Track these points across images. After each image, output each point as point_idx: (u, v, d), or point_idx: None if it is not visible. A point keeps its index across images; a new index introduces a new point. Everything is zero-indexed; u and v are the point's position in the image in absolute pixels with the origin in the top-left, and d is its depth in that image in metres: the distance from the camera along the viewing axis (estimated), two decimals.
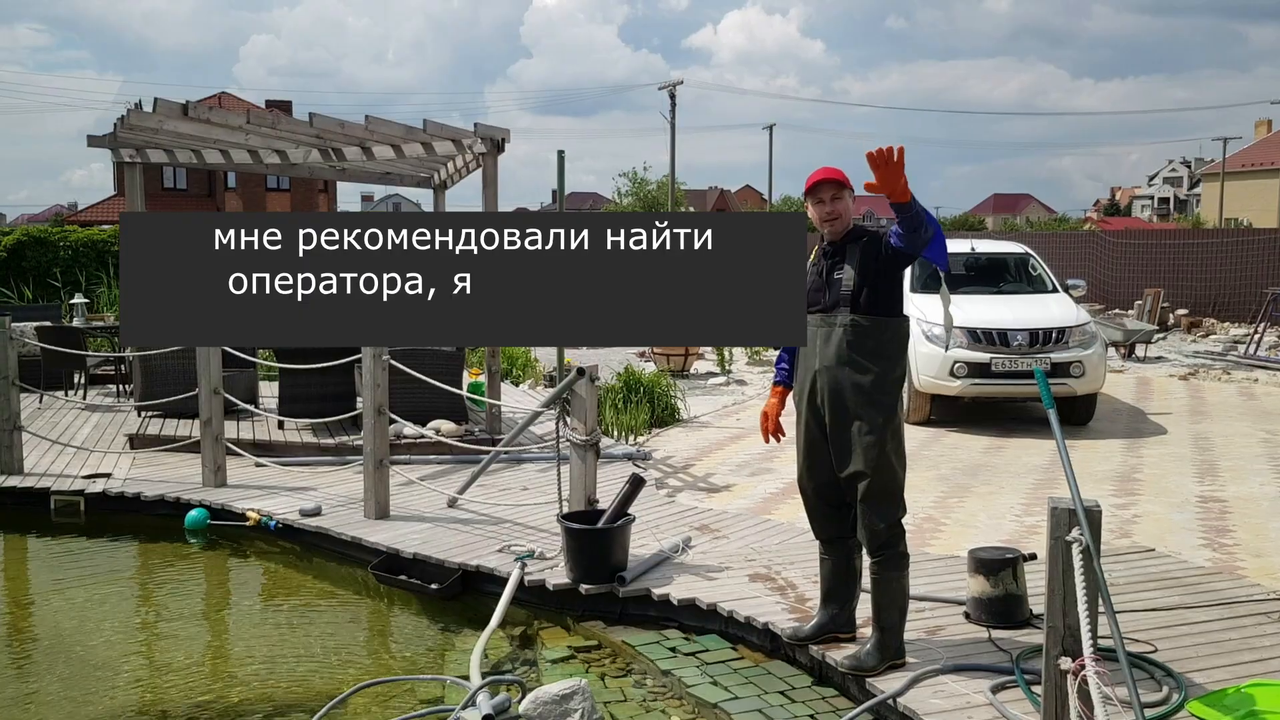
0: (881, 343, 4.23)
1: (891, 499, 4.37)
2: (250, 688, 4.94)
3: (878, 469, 4.29)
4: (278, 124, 10.18)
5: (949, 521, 6.97)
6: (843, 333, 4.23)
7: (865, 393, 4.25)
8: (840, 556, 4.64)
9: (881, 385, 4.26)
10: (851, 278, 4.22)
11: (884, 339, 4.24)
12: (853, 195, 4.37)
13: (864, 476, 4.30)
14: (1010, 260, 12.25)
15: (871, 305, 4.21)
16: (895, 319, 4.27)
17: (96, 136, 10.90)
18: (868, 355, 4.23)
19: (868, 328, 4.21)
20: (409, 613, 5.88)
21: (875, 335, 4.22)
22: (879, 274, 4.22)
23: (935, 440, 9.80)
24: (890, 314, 4.25)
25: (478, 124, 8.87)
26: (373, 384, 6.91)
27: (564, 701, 4.16)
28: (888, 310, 4.24)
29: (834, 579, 4.69)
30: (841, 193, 4.30)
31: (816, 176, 4.29)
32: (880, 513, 4.34)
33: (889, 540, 4.39)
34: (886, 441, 4.31)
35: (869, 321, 4.21)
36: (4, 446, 8.19)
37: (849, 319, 4.22)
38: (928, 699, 4.15)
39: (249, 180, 47.45)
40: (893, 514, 4.38)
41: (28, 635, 5.80)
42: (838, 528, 4.58)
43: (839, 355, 4.25)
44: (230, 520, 7.25)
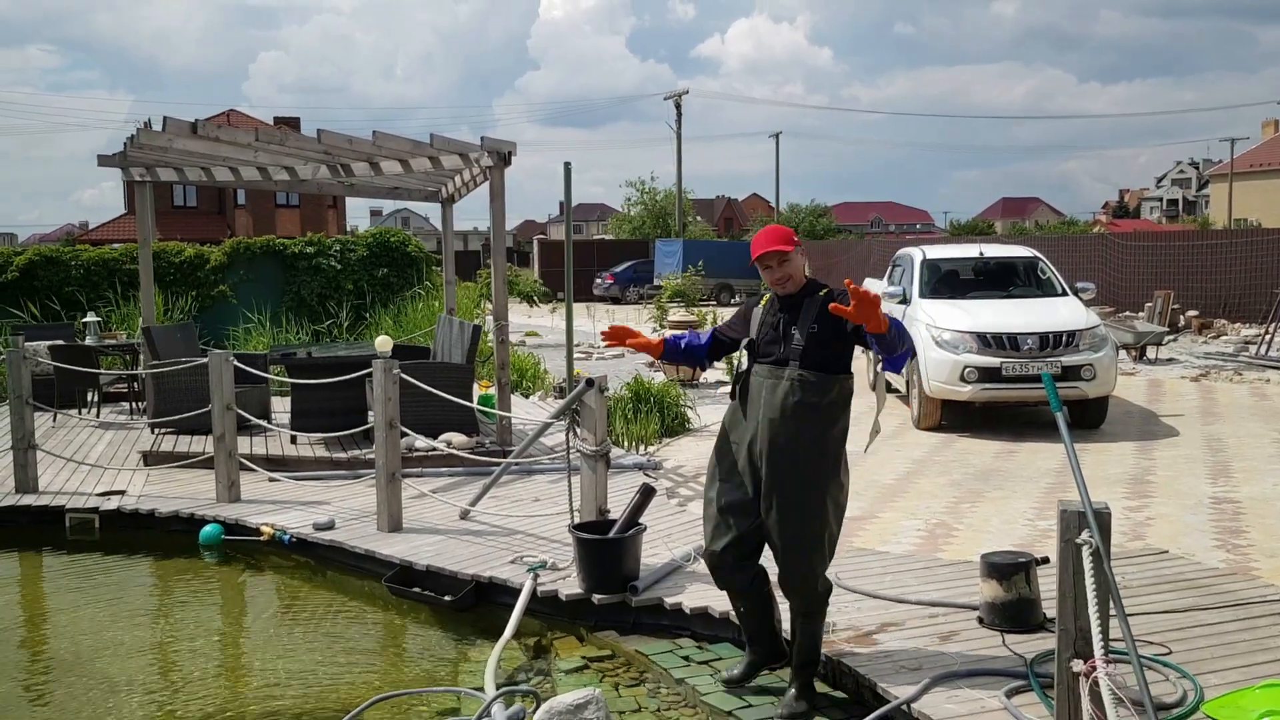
0: (826, 398, 4.26)
1: (821, 552, 4.35)
2: (266, 702, 4.96)
3: (811, 519, 4.28)
4: (286, 141, 10.24)
5: (961, 527, 6.96)
6: (789, 386, 4.25)
7: (807, 446, 4.27)
8: (754, 599, 4.61)
9: (824, 439, 4.29)
10: (805, 334, 4.25)
11: (829, 395, 4.26)
12: (801, 251, 4.39)
13: (798, 525, 4.28)
14: (1019, 264, 12.24)
15: (821, 362, 4.25)
16: (842, 375, 4.30)
17: (107, 156, 10.98)
18: (810, 409, 4.25)
19: (814, 383, 4.24)
20: (423, 625, 5.89)
21: (821, 391, 4.24)
22: (835, 336, 4.25)
23: (946, 446, 9.79)
24: (838, 371, 4.29)
25: (484, 137, 8.91)
26: (384, 398, 6.94)
27: (578, 711, 4.16)
28: (836, 368, 4.28)
29: (753, 620, 4.68)
30: (788, 256, 4.30)
31: (761, 247, 4.29)
32: (811, 562, 4.32)
33: (819, 594, 4.41)
34: (827, 494, 4.30)
35: (815, 377, 4.24)
36: (19, 465, 8.24)
37: (797, 373, 4.24)
38: (942, 704, 4.15)
39: (259, 197, 47.69)
40: (821, 567, 4.37)
41: (44, 653, 5.84)
42: (745, 578, 4.55)
43: (784, 408, 4.25)
44: (244, 535, 7.28)
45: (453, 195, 12.51)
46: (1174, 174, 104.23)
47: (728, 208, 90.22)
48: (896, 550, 6.37)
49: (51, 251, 16.70)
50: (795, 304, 4.34)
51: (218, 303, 16.79)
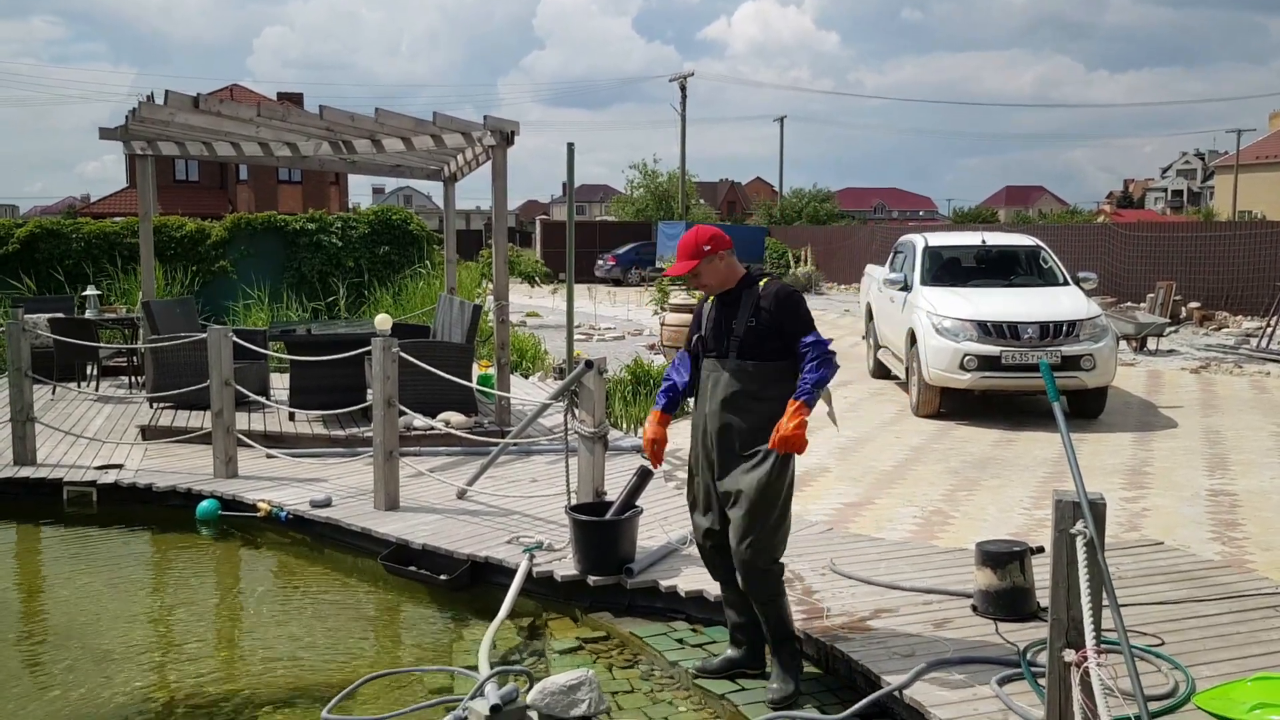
0: (765, 385, 4.35)
1: (765, 538, 4.37)
2: (261, 677, 4.98)
3: (757, 501, 4.32)
4: (288, 116, 10.21)
5: (957, 514, 6.97)
6: (729, 376, 4.38)
7: (750, 432, 4.35)
8: (735, 589, 4.63)
9: (765, 428, 4.33)
10: (744, 326, 4.37)
11: (768, 382, 4.35)
12: (718, 255, 4.44)
13: (743, 507, 4.35)
14: (1021, 253, 12.21)
15: (759, 352, 4.36)
16: (781, 362, 4.37)
17: (108, 129, 10.95)
18: (752, 398, 4.36)
19: (752, 373, 4.35)
20: (418, 603, 5.91)
21: (759, 380, 4.35)
22: (772, 329, 4.35)
23: (945, 433, 9.79)
24: (777, 359, 4.36)
25: (487, 116, 8.88)
26: (383, 376, 6.94)
27: (571, 692, 4.18)
28: (774, 357, 4.36)
29: (734, 612, 4.71)
30: (699, 268, 4.42)
31: (673, 270, 4.50)
32: (756, 547, 4.35)
33: (767, 581, 4.42)
34: (769, 482, 4.33)
35: (754, 367, 4.35)
36: (17, 437, 8.25)
37: (736, 364, 4.37)
38: (934, 691, 4.16)
39: (261, 173, 47.58)
40: (769, 551, 4.40)
41: (41, 624, 5.85)
42: (727, 569, 4.60)
43: (726, 398, 4.38)
44: (241, 511, 7.29)
45: (455, 174, 12.47)
46: (1179, 165, 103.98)
47: (731, 191, 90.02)
48: (892, 537, 6.38)
49: (53, 224, 16.66)
50: (735, 298, 4.46)
51: (218, 278, 16.76)
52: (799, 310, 4.40)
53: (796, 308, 4.39)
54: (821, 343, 4.33)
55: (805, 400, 4.25)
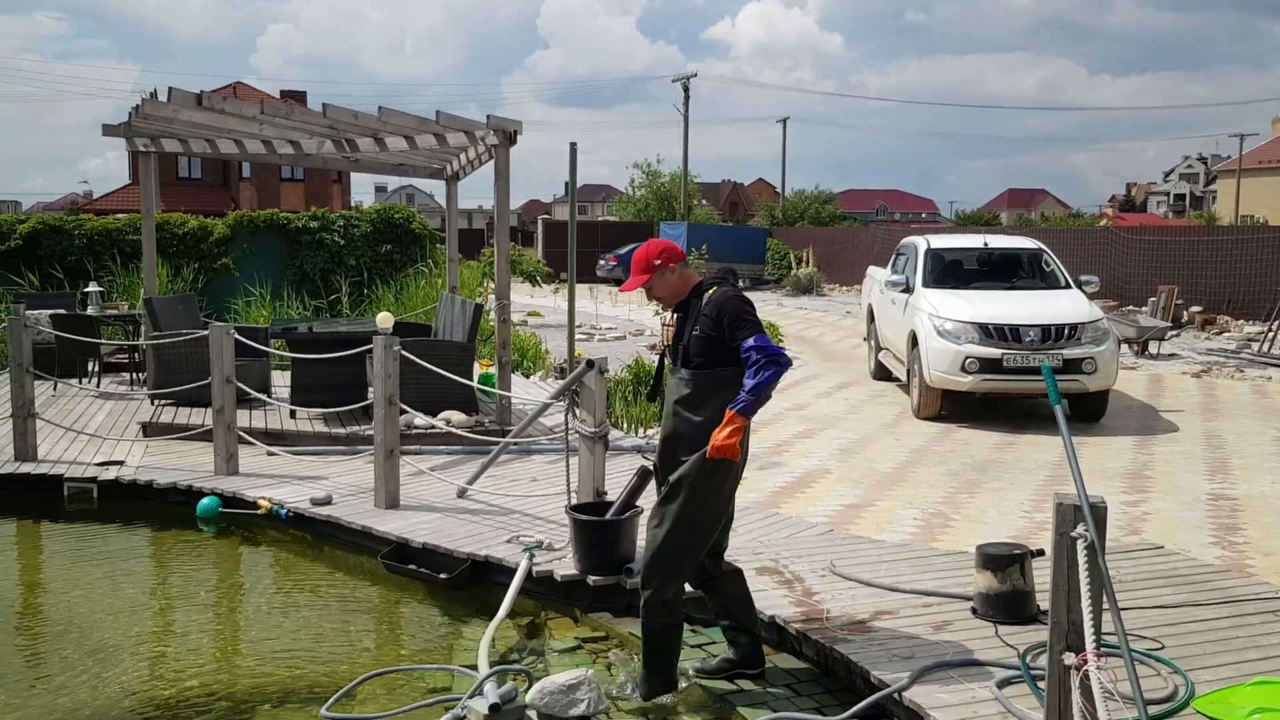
0: (707, 394, 4.35)
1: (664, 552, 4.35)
2: (260, 674, 4.98)
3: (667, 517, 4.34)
4: (291, 114, 10.21)
5: (958, 517, 6.97)
6: (675, 384, 4.47)
7: (691, 440, 4.37)
8: (718, 591, 4.67)
9: (704, 430, 4.32)
10: (690, 335, 4.42)
11: (710, 390, 4.35)
12: (669, 268, 4.49)
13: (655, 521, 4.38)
14: (1023, 255, 12.21)
15: (703, 361, 4.37)
16: (727, 370, 4.34)
17: (112, 125, 10.96)
18: (690, 407, 4.39)
19: (694, 380, 4.39)
20: (418, 602, 5.91)
21: (700, 387, 4.37)
22: (717, 337, 4.34)
23: (946, 436, 9.79)
24: (717, 365, 4.35)
25: (490, 115, 8.88)
26: (384, 374, 6.94)
27: (570, 691, 4.18)
28: (720, 363, 4.35)
29: (720, 616, 4.73)
30: (651, 282, 4.49)
31: (624, 288, 4.62)
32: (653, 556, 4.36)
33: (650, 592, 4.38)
34: (692, 494, 4.32)
35: (696, 376, 4.39)
36: (18, 433, 8.25)
37: (681, 373, 4.44)
38: (934, 693, 4.16)
39: (264, 170, 47.55)
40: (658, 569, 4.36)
41: (41, 621, 5.86)
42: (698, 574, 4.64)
43: (672, 408, 4.47)
44: (242, 508, 7.29)
45: (457, 173, 12.48)
46: (1182, 169, 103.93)
47: (733, 192, 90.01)
48: (892, 539, 6.38)
49: (55, 220, 16.66)
50: (687, 308, 4.51)
51: (220, 275, 16.76)
52: (739, 314, 4.32)
53: (736, 311, 4.33)
54: (765, 346, 4.24)
55: (741, 409, 4.21)
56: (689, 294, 4.50)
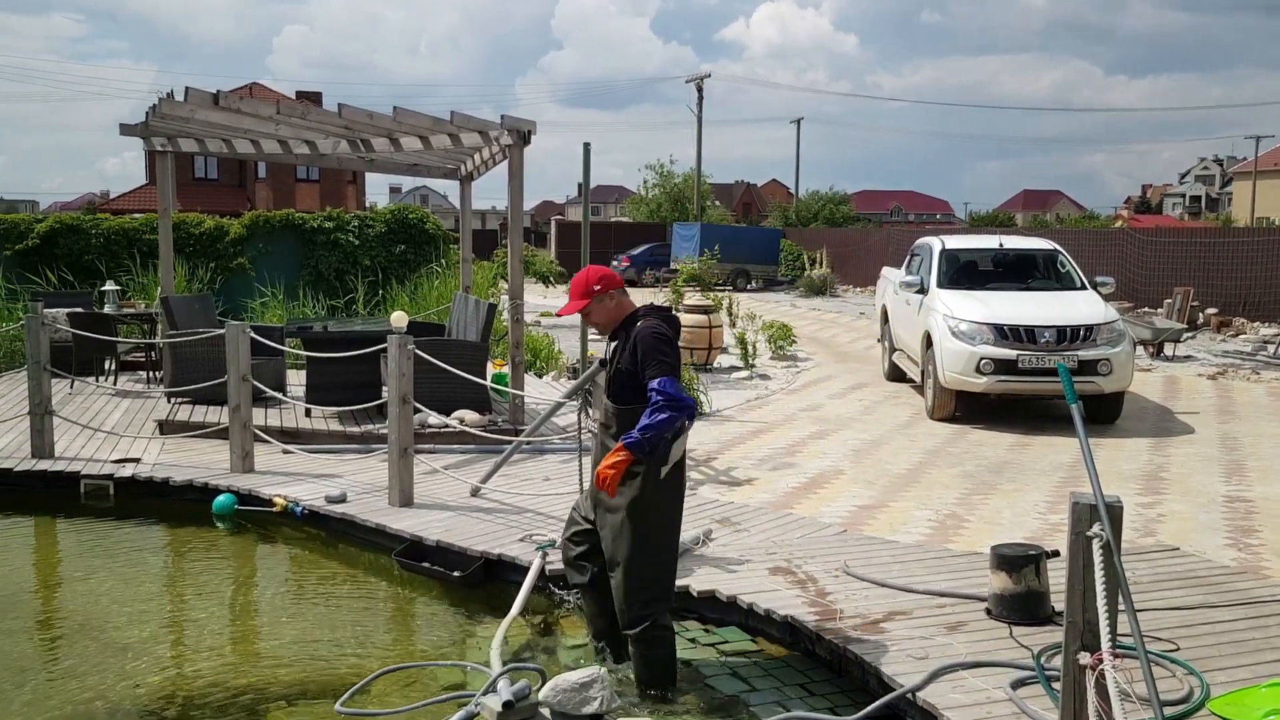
0: (625, 427, 4.30)
1: (646, 584, 4.37)
2: (275, 671, 5.00)
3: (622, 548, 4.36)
4: (307, 114, 10.26)
5: (972, 518, 6.95)
6: (605, 413, 4.52)
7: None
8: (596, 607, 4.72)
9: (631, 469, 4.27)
10: (615, 368, 4.46)
11: (628, 424, 4.30)
12: (608, 294, 4.48)
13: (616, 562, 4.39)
14: (1039, 257, 12.17)
15: (626, 395, 4.38)
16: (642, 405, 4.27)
17: (129, 125, 11.02)
18: (615, 437, 4.34)
19: (615, 413, 4.43)
20: (431, 599, 5.92)
21: (621, 420, 4.38)
22: (631, 370, 4.34)
23: (960, 437, 9.76)
24: (637, 400, 4.31)
25: (504, 115, 8.90)
26: (398, 373, 6.96)
27: (583, 690, 4.18)
28: (636, 398, 4.32)
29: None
30: (590, 307, 4.48)
31: (562, 312, 4.63)
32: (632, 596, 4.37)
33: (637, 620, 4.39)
34: (636, 522, 4.34)
35: (619, 409, 4.41)
36: (35, 430, 8.31)
37: (605, 404, 4.51)
38: (947, 694, 4.15)
39: (279, 171, 47.73)
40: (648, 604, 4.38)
41: (57, 617, 5.89)
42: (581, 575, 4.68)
43: (600, 439, 4.51)
44: (257, 506, 7.32)
45: (471, 173, 12.50)
46: (1198, 170, 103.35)
47: (746, 192, 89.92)
48: (906, 540, 6.37)
49: (72, 220, 16.76)
50: (621, 339, 4.49)
51: (236, 275, 16.84)
52: (653, 351, 4.25)
53: (651, 348, 4.26)
54: (668, 390, 4.15)
55: (630, 444, 4.15)
56: (623, 322, 4.49)
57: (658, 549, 4.44)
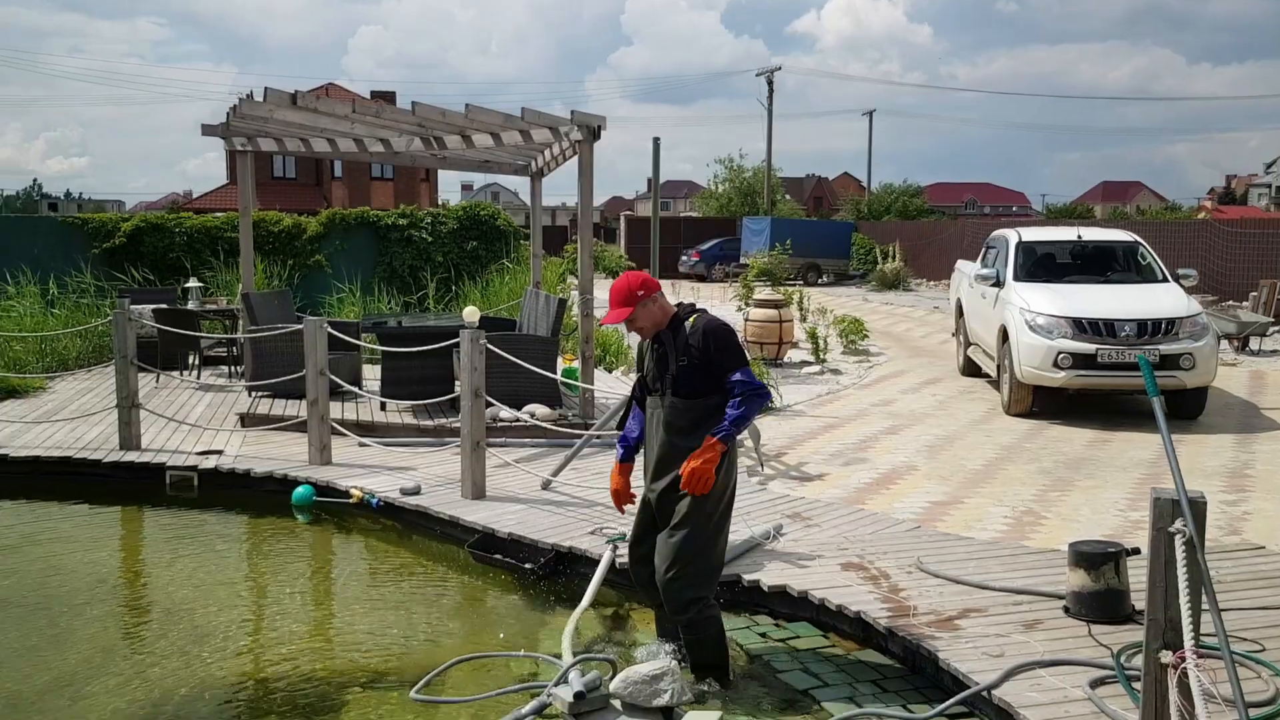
0: (697, 422, 4.42)
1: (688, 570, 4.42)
2: (350, 659, 5.11)
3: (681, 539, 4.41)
4: (381, 113, 10.42)
5: (1050, 515, 6.82)
6: (664, 414, 4.50)
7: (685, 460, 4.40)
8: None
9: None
10: (676, 364, 4.46)
11: (700, 418, 4.43)
12: (651, 299, 4.51)
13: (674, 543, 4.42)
14: (1119, 249, 11.88)
15: (691, 389, 4.44)
16: (714, 399, 4.43)
17: (210, 125, 11.28)
18: (681, 434, 4.45)
19: (683, 409, 4.46)
20: (503, 590, 5.99)
21: (690, 416, 4.44)
22: (703, 365, 4.42)
23: (1037, 433, 9.58)
24: (707, 394, 4.44)
25: (574, 111, 8.93)
26: (470, 368, 7.04)
27: (654, 682, 4.20)
28: (706, 392, 4.44)
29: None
30: (634, 314, 4.50)
31: (608, 320, 4.56)
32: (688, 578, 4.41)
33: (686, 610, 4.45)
34: (699, 516, 4.43)
35: (685, 404, 4.46)
36: (123, 423, 8.57)
37: (670, 401, 4.49)
38: (1024, 692, 4.09)
39: (355, 170, 48.58)
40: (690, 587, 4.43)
41: (143, 603, 6.08)
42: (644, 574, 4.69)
43: (664, 436, 4.50)
44: (335, 497, 7.47)
45: (542, 169, 12.59)
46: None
47: (818, 186, 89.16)
48: (982, 536, 6.27)
49: (157, 219, 17.22)
50: (668, 338, 4.53)
51: (313, 271, 17.16)
52: (727, 345, 4.45)
53: (724, 343, 4.44)
54: (750, 381, 4.39)
55: (721, 437, 4.34)
56: (668, 324, 4.54)
57: (719, 530, 4.56)
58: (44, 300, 14.58)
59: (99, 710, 4.52)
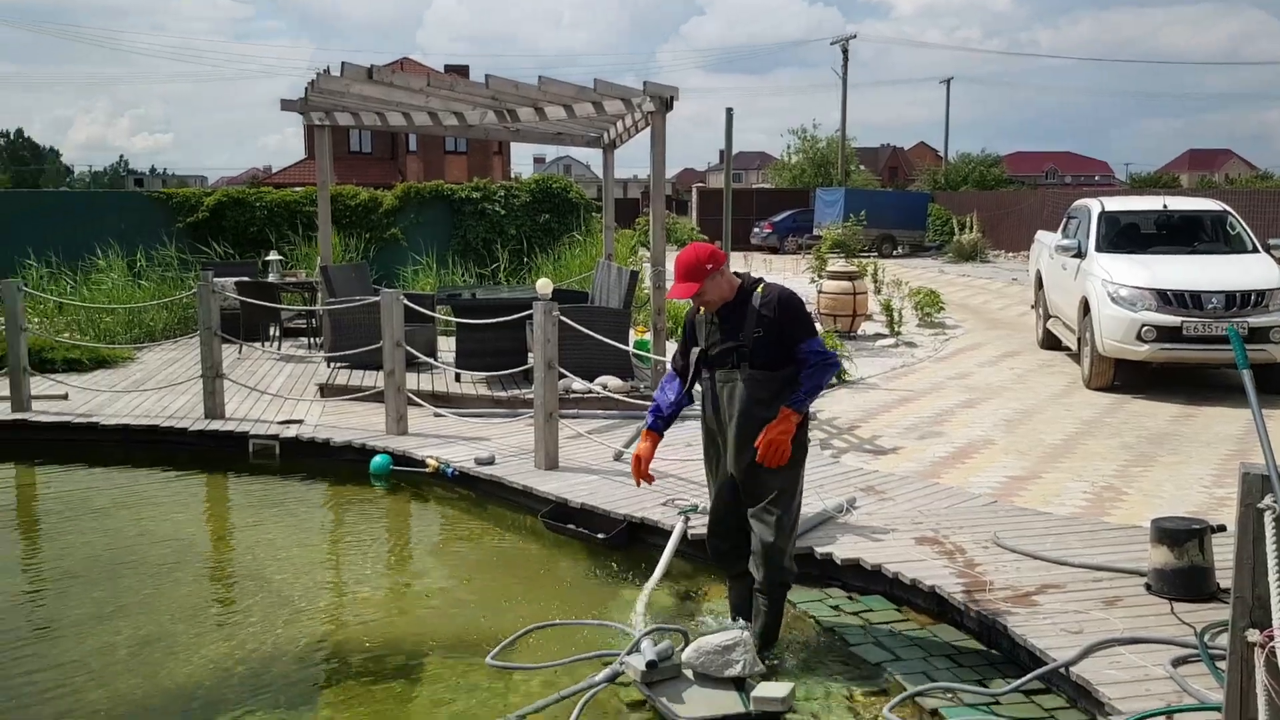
0: (777, 393, 4.42)
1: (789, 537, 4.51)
2: (426, 624, 5.21)
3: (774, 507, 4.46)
4: (455, 86, 10.50)
5: (1131, 491, 6.67)
6: (743, 388, 4.44)
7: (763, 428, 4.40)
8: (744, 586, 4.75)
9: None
10: (751, 338, 4.41)
11: (780, 389, 4.42)
12: (719, 272, 4.44)
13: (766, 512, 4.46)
14: (1206, 218, 11.52)
15: (768, 361, 4.42)
16: (787, 368, 4.44)
17: (289, 100, 11.47)
18: (764, 405, 4.42)
19: (763, 381, 4.43)
20: (576, 560, 6.05)
21: (770, 388, 4.43)
22: (778, 337, 4.41)
23: (1119, 407, 9.37)
24: (783, 365, 4.43)
25: (646, 82, 8.90)
26: (543, 339, 7.09)
27: (726, 652, 4.21)
28: (781, 363, 4.43)
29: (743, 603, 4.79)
30: (703, 288, 4.42)
31: (675, 294, 4.46)
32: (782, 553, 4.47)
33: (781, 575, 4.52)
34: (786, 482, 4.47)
35: (764, 376, 4.43)
36: (208, 393, 8.81)
37: (749, 374, 4.43)
38: (1103, 669, 4.03)
39: (429, 144, 49.09)
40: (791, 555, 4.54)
41: (227, 567, 6.27)
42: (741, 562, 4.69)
43: (743, 409, 4.43)
44: (411, 466, 7.60)
45: (614, 141, 12.58)
46: None
47: (893, 156, 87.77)
48: (1060, 512, 6.16)
49: (238, 193, 17.60)
50: (735, 310, 4.47)
51: (389, 244, 17.41)
52: (799, 313, 4.45)
53: (797, 311, 4.44)
54: (822, 349, 4.41)
55: (798, 406, 4.37)
56: (735, 296, 4.48)
57: (798, 502, 4.60)
58: (131, 273, 15.02)
59: (186, 666, 4.68)
